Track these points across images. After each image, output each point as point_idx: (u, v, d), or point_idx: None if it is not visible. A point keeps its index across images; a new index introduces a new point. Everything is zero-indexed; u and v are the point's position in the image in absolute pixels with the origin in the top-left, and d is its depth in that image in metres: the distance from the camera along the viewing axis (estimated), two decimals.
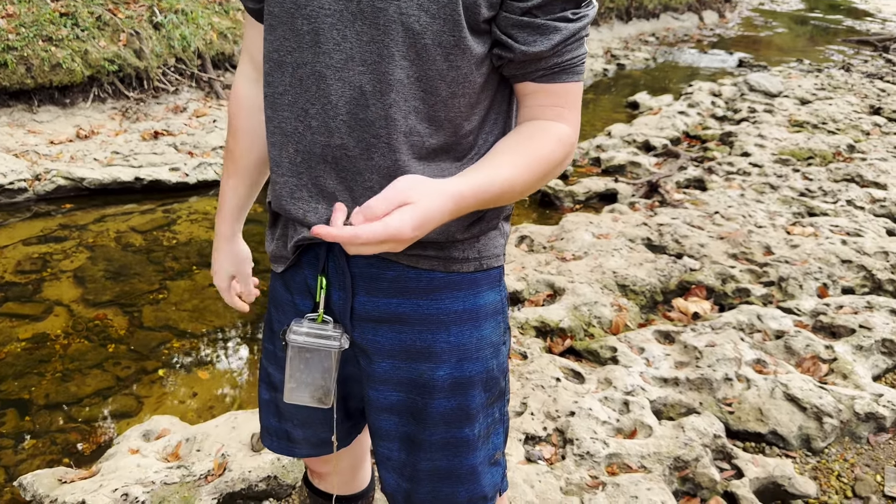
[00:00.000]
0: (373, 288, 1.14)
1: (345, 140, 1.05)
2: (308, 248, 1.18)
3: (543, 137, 1.03)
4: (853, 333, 3.08)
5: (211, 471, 2.18)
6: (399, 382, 1.17)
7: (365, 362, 1.20)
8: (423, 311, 1.13)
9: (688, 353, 2.90)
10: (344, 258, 1.13)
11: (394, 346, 1.15)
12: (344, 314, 1.16)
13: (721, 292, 3.48)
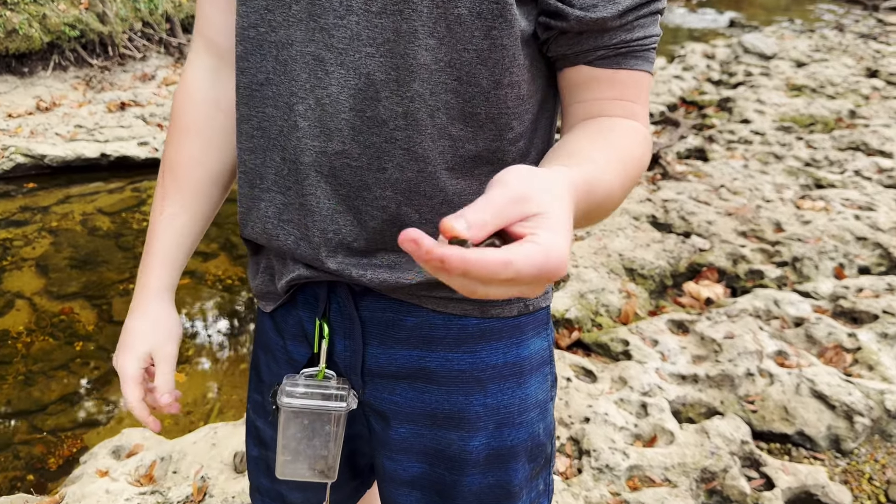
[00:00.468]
0: (389, 337, 0.90)
1: (347, 146, 0.80)
2: (304, 287, 0.93)
3: (627, 134, 0.76)
4: (876, 320, 2.90)
5: (189, 496, 1.94)
6: (422, 452, 0.93)
7: (379, 426, 0.96)
8: (454, 365, 0.89)
9: (705, 345, 2.70)
10: (350, 299, 0.89)
11: (415, 409, 0.92)
12: (352, 369, 0.92)
13: (733, 275, 3.27)
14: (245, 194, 0.90)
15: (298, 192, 0.84)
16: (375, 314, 0.89)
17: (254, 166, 0.88)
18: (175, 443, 2.15)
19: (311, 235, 0.84)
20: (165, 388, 0.97)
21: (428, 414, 0.91)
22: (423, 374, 0.90)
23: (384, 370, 0.91)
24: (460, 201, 0.82)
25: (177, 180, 1.00)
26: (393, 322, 0.89)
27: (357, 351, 0.90)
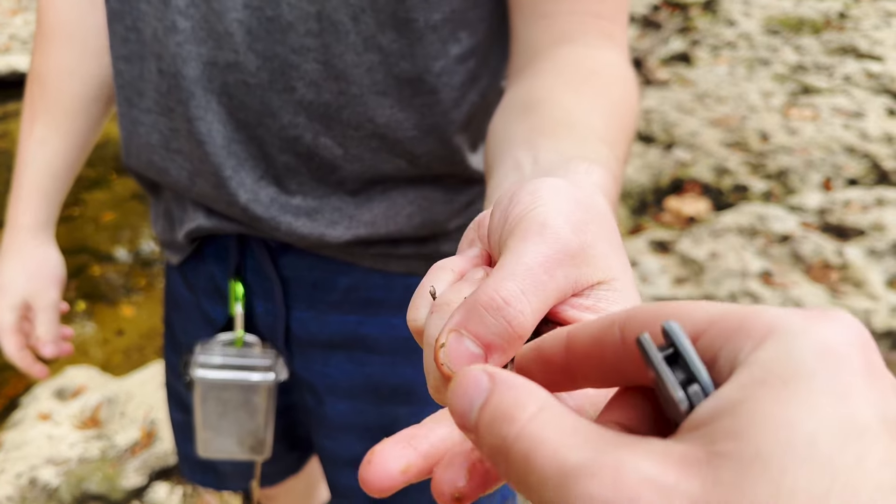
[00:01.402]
0: (318, 300, 0.74)
1: (242, 56, 0.61)
2: (211, 238, 0.76)
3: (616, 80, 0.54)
4: (864, 235, 2.78)
5: (137, 441, 1.81)
6: (366, 430, 0.79)
7: (313, 401, 0.81)
8: (399, 332, 0.74)
9: (687, 266, 2.57)
10: (267, 255, 0.72)
11: (355, 383, 0.77)
12: (275, 335, 0.76)
13: (717, 189, 3.12)
14: (124, 114, 0.71)
15: (184, 116, 0.65)
16: (299, 273, 0.73)
17: (130, 79, 0.68)
18: (122, 382, 2.00)
19: (206, 171, 0.66)
20: (48, 337, 0.85)
21: (370, 388, 0.76)
22: (361, 343, 0.75)
23: (315, 338, 0.76)
24: (395, 136, 0.64)
25: (46, 96, 0.82)
26: (322, 283, 0.72)
27: (279, 315, 0.75)
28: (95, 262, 2.75)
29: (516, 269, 0.27)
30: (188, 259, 0.80)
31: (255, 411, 0.80)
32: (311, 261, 0.72)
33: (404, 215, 0.68)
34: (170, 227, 0.78)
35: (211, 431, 0.81)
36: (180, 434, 0.98)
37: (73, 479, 1.72)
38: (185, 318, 0.86)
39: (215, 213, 0.71)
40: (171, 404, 0.98)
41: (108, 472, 1.75)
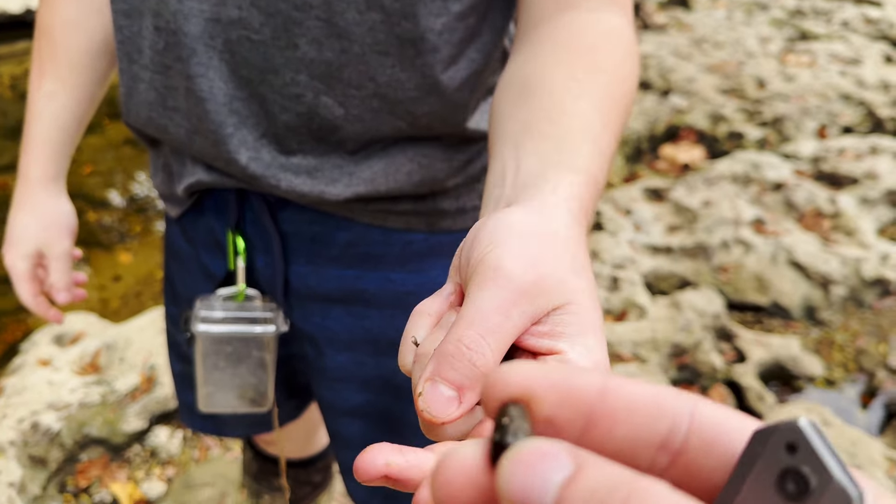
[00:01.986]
0: (317, 255, 0.74)
1: (245, 12, 0.61)
2: (210, 192, 0.76)
3: (615, 49, 0.53)
4: (857, 183, 2.79)
5: (137, 386, 1.84)
6: (364, 382, 0.80)
7: (313, 353, 0.82)
8: (397, 287, 0.75)
9: (681, 214, 2.58)
10: (266, 210, 0.72)
11: (354, 336, 0.78)
12: (274, 288, 0.77)
13: (712, 136, 3.12)
14: (124, 70, 0.70)
15: (183, 74, 0.64)
16: (298, 227, 0.73)
17: (130, 35, 0.68)
18: (121, 329, 2.02)
19: (206, 129, 0.66)
20: (61, 284, 0.87)
21: (369, 341, 0.78)
22: (360, 297, 0.76)
23: (314, 292, 0.76)
24: (396, 96, 0.64)
25: (53, 50, 0.82)
26: (321, 237, 0.73)
27: (278, 269, 0.75)
28: (90, 207, 2.74)
29: (475, 316, 0.31)
30: (187, 212, 0.80)
31: (257, 364, 0.81)
32: (310, 216, 0.72)
33: (403, 173, 0.68)
34: (169, 180, 0.78)
35: (212, 386, 0.82)
36: (181, 383, 1.00)
37: (74, 423, 1.75)
38: (185, 271, 0.86)
39: (215, 169, 0.71)
40: (172, 355, 0.99)
41: (108, 417, 1.78)
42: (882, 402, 2.15)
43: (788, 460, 0.19)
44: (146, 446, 1.79)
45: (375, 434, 0.83)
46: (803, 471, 0.19)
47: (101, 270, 2.48)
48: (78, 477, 1.73)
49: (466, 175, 0.72)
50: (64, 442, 1.72)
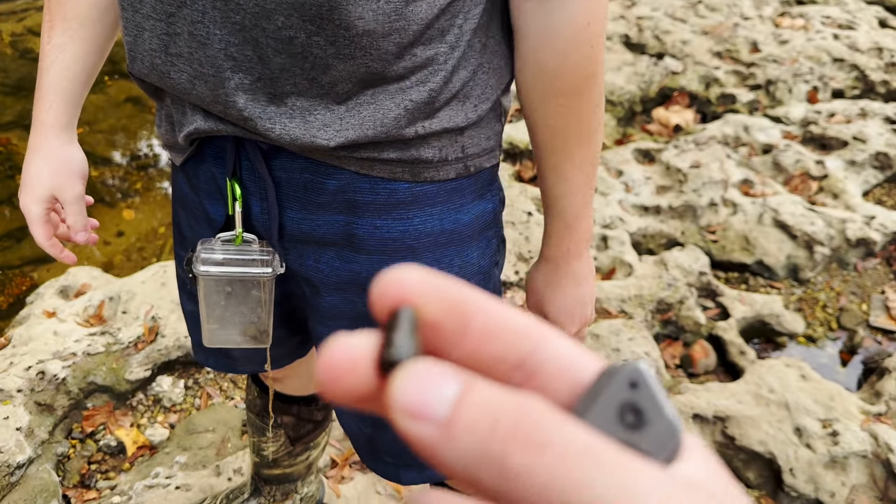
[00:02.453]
0: (309, 201, 0.79)
1: None
2: (210, 140, 0.81)
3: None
4: (846, 146, 2.83)
5: (141, 337, 1.91)
6: (354, 318, 0.86)
7: (308, 292, 0.88)
8: (384, 233, 0.80)
9: (670, 175, 2.63)
10: (260, 157, 0.77)
11: (342, 278, 0.83)
12: (270, 233, 0.82)
13: (704, 99, 3.15)
14: (128, 19, 0.75)
15: (185, 19, 0.69)
16: (291, 175, 0.78)
17: None
18: (124, 282, 2.08)
19: (206, 74, 0.71)
20: (78, 227, 0.93)
21: (357, 283, 0.83)
22: (350, 242, 0.81)
23: (307, 236, 0.82)
24: (383, 30, 0.68)
25: (62, 4, 0.87)
26: (312, 185, 0.78)
27: (273, 215, 0.80)
28: (92, 164, 2.77)
29: None
30: (190, 160, 0.85)
31: (256, 303, 0.86)
32: (301, 163, 0.77)
33: (391, 118, 0.73)
34: (171, 129, 0.83)
35: (216, 323, 0.88)
36: (192, 322, 1.05)
37: (79, 371, 1.82)
38: (191, 217, 0.91)
39: (212, 115, 0.76)
40: (182, 295, 1.05)
41: (113, 366, 1.85)
42: (861, 360, 2.22)
43: (630, 395, 0.22)
44: (150, 394, 1.86)
45: None
46: (641, 405, 0.22)
47: (104, 226, 2.53)
48: (84, 423, 1.80)
49: (452, 123, 0.76)
50: (70, 389, 1.79)
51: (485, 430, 0.20)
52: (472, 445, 0.20)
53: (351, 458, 1.72)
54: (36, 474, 1.66)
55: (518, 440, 0.20)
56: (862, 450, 1.73)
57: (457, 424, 0.20)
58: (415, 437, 0.21)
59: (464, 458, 0.20)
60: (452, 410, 0.20)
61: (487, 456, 0.20)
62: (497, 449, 0.20)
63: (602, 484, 0.19)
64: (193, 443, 1.77)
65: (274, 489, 1.47)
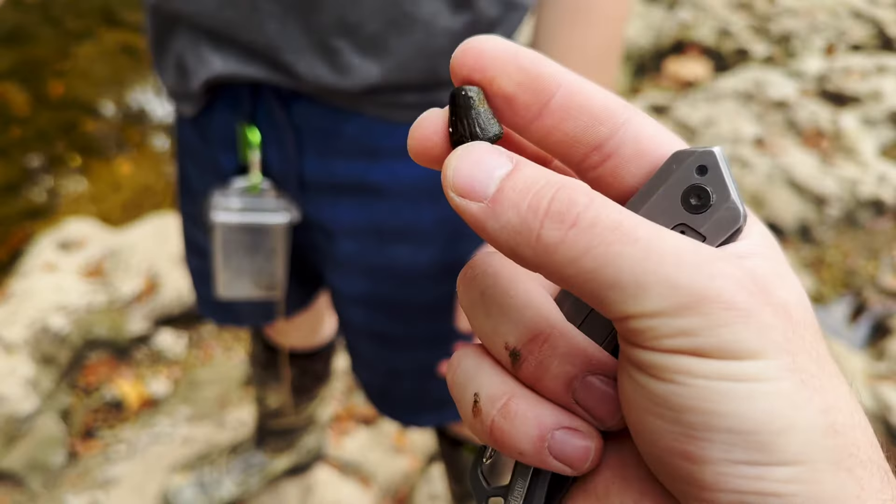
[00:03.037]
0: (326, 147, 0.78)
1: None
2: (225, 87, 0.78)
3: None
4: (860, 102, 2.77)
5: (141, 291, 1.89)
6: (368, 269, 0.86)
7: (323, 240, 0.87)
8: (401, 179, 0.79)
9: (681, 131, 2.57)
10: (279, 103, 0.75)
11: (359, 225, 0.83)
12: (288, 181, 0.81)
13: (718, 52, 3.07)
14: None
15: None
16: (310, 121, 0.77)
17: None
18: (123, 235, 2.06)
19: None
20: None
21: (374, 229, 0.83)
22: (367, 188, 0.80)
23: (325, 183, 0.81)
24: None
25: None
26: (330, 130, 0.77)
27: (292, 161, 0.79)
28: (87, 116, 2.74)
29: None
30: (202, 111, 0.83)
31: (271, 252, 0.86)
32: (320, 109, 0.76)
33: (416, 64, 0.71)
34: (182, 77, 0.80)
35: (230, 273, 0.88)
36: (198, 278, 1.04)
37: (82, 326, 1.81)
38: (200, 168, 0.89)
39: (232, 55, 0.73)
40: (189, 252, 1.03)
41: (114, 320, 1.84)
42: (868, 320, 2.21)
43: (697, 179, 0.22)
44: (152, 348, 1.86)
45: (379, 322, 0.89)
46: (707, 189, 0.22)
47: (99, 180, 2.51)
48: (87, 376, 1.80)
49: None
50: (73, 343, 1.79)
51: (524, 208, 0.22)
52: (513, 221, 0.22)
53: (353, 412, 1.72)
54: (42, 424, 1.67)
55: (552, 216, 0.21)
56: (864, 409, 1.72)
57: (500, 202, 0.22)
58: (464, 213, 0.22)
59: (505, 232, 0.22)
60: (497, 190, 0.22)
61: (527, 231, 0.22)
62: (534, 224, 0.21)
63: (630, 256, 0.20)
64: (196, 396, 1.77)
65: (277, 440, 1.48)
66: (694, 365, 0.20)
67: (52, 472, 1.64)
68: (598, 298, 0.21)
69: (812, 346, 0.22)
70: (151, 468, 1.61)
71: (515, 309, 0.25)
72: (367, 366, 0.97)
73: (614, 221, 0.21)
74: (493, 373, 0.25)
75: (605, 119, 0.23)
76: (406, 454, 1.66)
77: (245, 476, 1.51)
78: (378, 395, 1.00)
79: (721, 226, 0.22)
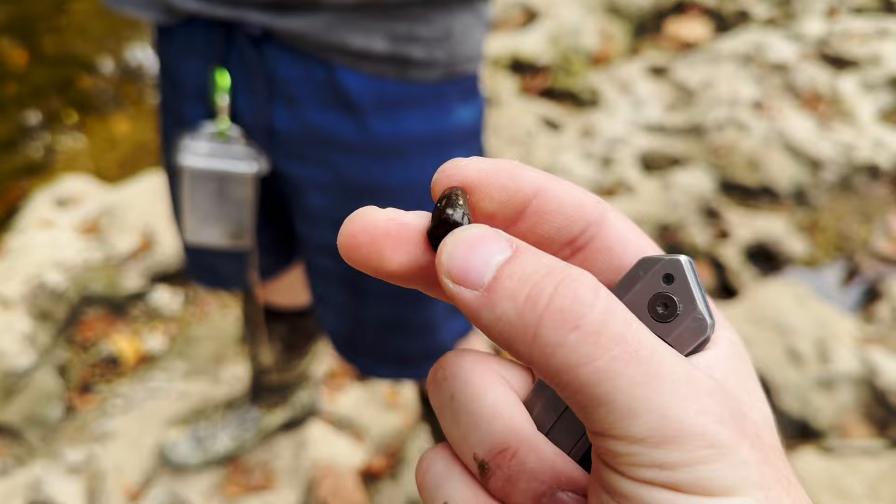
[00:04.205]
0: (296, 95, 0.78)
1: None
2: (193, 23, 0.78)
3: None
4: (859, 66, 2.75)
5: (137, 248, 1.91)
6: (336, 222, 0.86)
7: (293, 192, 0.87)
8: (371, 134, 0.79)
9: (679, 93, 2.56)
10: (251, 46, 0.74)
11: (328, 180, 0.83)
12: (257, 131, 0.81)
13: (719, 13, 3.04)
14: None
15: None
16: (280, 67, 0.76)
17: None
18: (118, 193, 2.06)
19: None
20: None
21: (343, 186, 0.83)
22: (337, 143, 0.80)
23: (294, 135, 0.81)
24: None
25: None
26: (302, 79, 0.76)
27: (262, 110, 0.79)
28: (84, 73, 2.72)
29: None
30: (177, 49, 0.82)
31: (239, 201, 0.86)
32: (291, 55, 0.76)
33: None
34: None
35: (196, 219, 0.88)
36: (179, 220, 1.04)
37: (78, 282, 1.83)
38: (175, 117, 0.89)
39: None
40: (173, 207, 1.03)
41: (110, 276, 1.86)
42: (860, 284, 2.22)
43: (664, 287, 0.22)
44: (148, 304, 1.87)
45: (346, 270, 0.90)
46: (674, 298, 0.22)
47: (97, 136, 2.50)
48: (84, 331, 1.82)
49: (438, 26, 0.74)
50: (70, 299, 1.81)
51: (522, 300, 0.20)
52: (509, 313, 0.20)
53: (347, 370, 1.74)
54: (39, 379, 1.70)
55: (552, 313, 0.20)
56: (852, 371, 1.75)
57: (496, 291, 0.21)
58: (457, 301, 0.21)
59: (500, 324, 0.21)
60: (494, 278, 0.21)
61: (523, 326, 0.20)
62: (531, 319, 0.20)
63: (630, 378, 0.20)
64: (192, 352, 1.79)
65: (271, 396, 1.50)
66: (668, 499, 0.20)
67: (49, 426, 1.67)
68: (584, 411, 0.20)
69: (782, 473, 0.22)
70: (147, 423, 1.64)
71: (484, 419, 0.24)
72: (334, 311, 0.98)
73: (619, 334, 0.20)
74: (463, 482, 0.24)
75: (578, 218, 0.24)
76: (398, 410, 1.69)
77: (240, 431, 1.54)
78: (343, 341, 1.01)
79: (688, 337, 0.22)
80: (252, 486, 1.52)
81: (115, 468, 1.56)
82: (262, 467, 1.55)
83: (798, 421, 1.74)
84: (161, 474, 1.55)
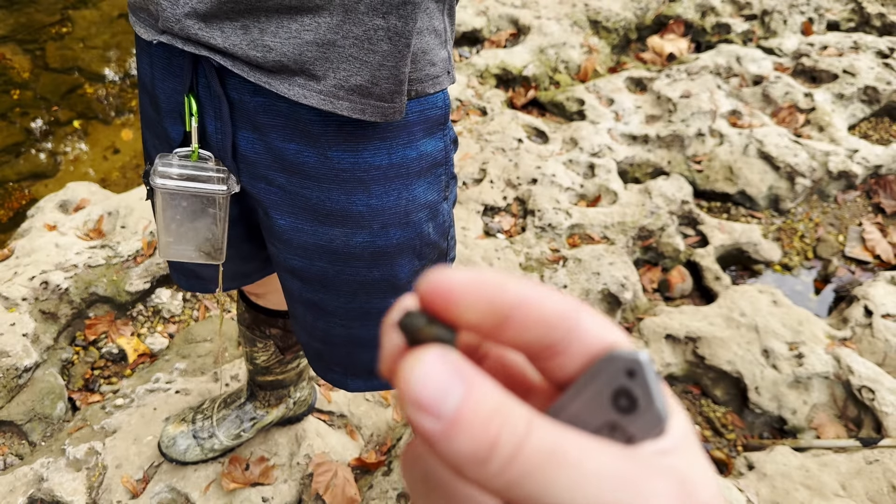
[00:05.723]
0: (262, 124, 0.81)
1: None
2: (173, 55, 0.81)
3: None
4: (835, 79, 2.86)
5: (139, 251, 1.97)
6: (303, 246, 0.89)
7: (261, 212, 0.90)
8: (334, 164, 0.82)
9: (661, 104, 2.66)
10: (216, 75, 0.78)
11: (295, 204, 0.85)
12: (224, 152, 0.84)
13: (700, 28, 3.15)
14: None
15: None
16: (244, 96, 0.79)
17: None
18: (122, 198, 2.13)
19: None
20: None
21: (308, 209, 0.85)
22: (301, 170, 0.82)
23: (260, 159, 0.83)
24: None
25: None
26: (265, 108, 0.79)
27: (227, 133, 0.82)
28: (87, 81, 2.79)
29: None
30: (160, 73, 0.85)
31: (212, 220, 0.88)
32: (253, 86, 0.78)
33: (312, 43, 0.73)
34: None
35: (171, 237, 0.90)
36: None
37: (81, 283, 1.89)
38: (155, 136, 0.92)
39: (162, 27, 0.76)
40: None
41: (113, 278, 1.92)
42: (833, 288, 2.31)
43: (626, 381, 0.24)
44: (149, 305, 1.94)
45: (313, 293, 0.94)
46: (635, 392, 0.24)
47: (100, 143, 2.57)
48: (86, 331, 1.88)
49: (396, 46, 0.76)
50: (73, 299, 1.87)
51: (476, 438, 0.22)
52: (465, 447, 0.22)
53: None
54: (42, 378, 1.75)
55: (497, 449, 0.22)
56: (825, 371, 1.83)
57: (458, 426, 0.22)
58: (419, 428, 0.22)
59: (457, 456, 0.22)
60: (456, 413, 0.22)
61: (475, 460, 0.22)
62: (483, 454, 0.22)
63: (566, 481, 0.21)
64: (192, 351, 1.86)
65: (268, 394, 1.56)
66: None
67: (52, 423, 1.72)
68: None
69: None
70: (148, 420, 1.70)
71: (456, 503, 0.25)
72: (304, 329, 1.01)
73: (549, 445, 0.22)
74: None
75: (558, 324, 0.25)
76: (391, 407, 1.76)
77: (237, 428, 1.59)
78: (314, 357, 1.04)
79: (647, 429, 0.24)
80: (250, 480, 1.57)
81: (116, 464, 1.61)
82: (260, 462, 1.61)
83: (773, 419, 1.82)
84: (161, 470, 1.60)
